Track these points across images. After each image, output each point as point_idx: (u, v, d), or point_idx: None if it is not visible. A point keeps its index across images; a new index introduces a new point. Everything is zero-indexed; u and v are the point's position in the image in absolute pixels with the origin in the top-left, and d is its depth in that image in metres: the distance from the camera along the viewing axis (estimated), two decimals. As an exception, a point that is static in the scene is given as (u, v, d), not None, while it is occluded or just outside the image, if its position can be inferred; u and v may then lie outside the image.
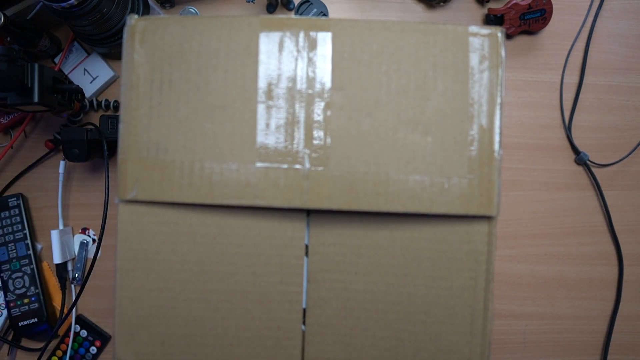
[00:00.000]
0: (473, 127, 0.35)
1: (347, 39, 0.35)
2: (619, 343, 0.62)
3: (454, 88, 0.35)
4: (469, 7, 0.64)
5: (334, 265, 0.36)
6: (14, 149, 0.61)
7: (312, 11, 0.62)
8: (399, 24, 0.36)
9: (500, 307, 0.63)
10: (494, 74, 0.35)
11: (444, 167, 0.35)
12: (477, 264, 0.36)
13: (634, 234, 0.64)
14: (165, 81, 0.35)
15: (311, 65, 0.35)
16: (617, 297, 0.63)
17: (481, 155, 0.35)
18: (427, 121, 0.35)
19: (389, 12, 0.64)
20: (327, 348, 0.37)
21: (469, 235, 0.37)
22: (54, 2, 0.47)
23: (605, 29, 0.65)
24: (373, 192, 0.34)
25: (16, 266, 0.57)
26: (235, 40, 0.35)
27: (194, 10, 0.58)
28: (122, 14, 0.55)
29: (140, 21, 0.35)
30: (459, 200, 0.34)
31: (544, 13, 0.61)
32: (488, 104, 0.35)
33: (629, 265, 0.63)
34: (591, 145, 0.64)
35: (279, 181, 0.34)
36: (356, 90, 0.35)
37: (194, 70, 0.35)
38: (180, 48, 0.35)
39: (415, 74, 0.35)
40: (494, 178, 0.35)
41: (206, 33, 0.35)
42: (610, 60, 0.65)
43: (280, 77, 0.35)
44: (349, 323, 0.37)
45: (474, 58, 0.35)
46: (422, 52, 0.35)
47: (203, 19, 0.36)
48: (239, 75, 0.35)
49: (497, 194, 0.35)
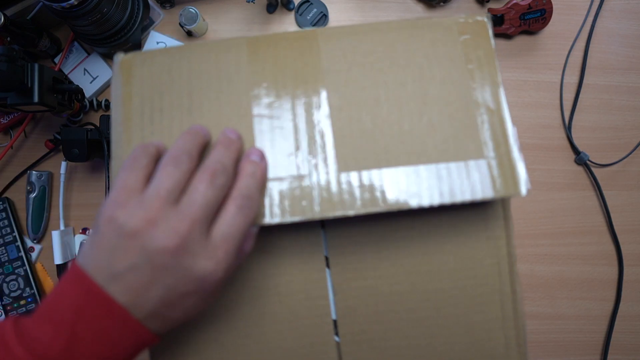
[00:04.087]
0: (480, 110, 0.34)
1: (336, 45, 0.35)
2: (619, 343, 0.62)
3: (452, 76, 0.34)
4: (469, 7, 0.64)
5: (356, 273, 0.36)
6: (14, 149, 0.61)
7: (312, 11, 0.62)
8: (386, 24, 0.35)
9: (500, 307, 0.62)
10: (489, 57, 0.35)
11: (459, 152, 0.33)
12: (498, 248, 0.36)
13: (634, 234, 0.63)
14: (156, 110, 0.34)
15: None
16: (617, 297, 0.63)
17: (495, 135, 0.34)
18: (430, 111, 0.34)
19: (389, 12, 0.64)
20: (363, 355, 0.36)
21: (486, 222, 0.36)
22: (54, 2, 0.47)
23: (605, 29, 0.65)
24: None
25: (9, 269, 0.57)
26: (225, 62, 0.34)
27: (194, 10, 0.58)
28: (122, 14, 0.55)
29: (127, 57, 0.35)
30: (480, 184, 0.33)
31: (544, 13, 0.61)
32: (490, 86, 0.34)
33: (629, 265, 0.63)
34: (591, 145, 0.63)
35: (287, 195, 0.32)
36: (353, 90, 0.34)
37: (185, 96, 0.34)
38: (169, 77, 0.34)
39: (410, 67, 0.34)
40: (514, 155, 0.33)
41: (194, 58, 0.34)
42: (610, 60, 0.65)
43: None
44: (380, 327, 0.36)
45: (466, 45, 0.35)
46: (413, 46, 0.35)
47: (190, 46, 0.35)
48: (232, 92, 0.34)
49: (522, 171, 0.33)
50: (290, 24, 0.63)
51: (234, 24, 0.63)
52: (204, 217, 0.28)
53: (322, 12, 0.62)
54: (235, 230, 0.29)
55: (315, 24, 0.62)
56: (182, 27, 0.60)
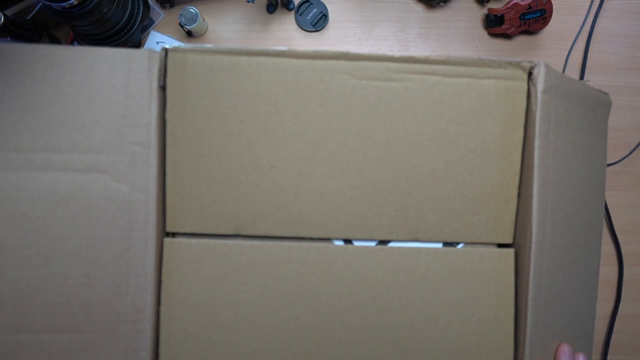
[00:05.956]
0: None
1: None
2: (619, 343, 0.62)
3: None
4: (469, 7, 0.64)
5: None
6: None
7: (312, 11, 0.62)
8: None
9: (500, 307, 0.62)
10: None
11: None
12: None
13: (634, 234, 0.63)
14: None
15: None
16: (617, 297, 0.63)
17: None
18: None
19: (389, 12, 0.64)
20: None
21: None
22: (54, 2, 0.47)
23: (605, 29, 0.65)
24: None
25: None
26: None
27: (194, 10, 0.58)
28: (122, 14, 0.55)
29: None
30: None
31: (544, 13, 0.61)
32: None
33: (629, 265, 0.63)
34: (591, 145, 0.63)
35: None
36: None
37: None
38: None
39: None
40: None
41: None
42: (610, 60, 0.65)
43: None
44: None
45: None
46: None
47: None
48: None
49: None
50: (290, 24, 0.63)
51: (234, 24, 0.63)
52: None
53: (322, 12, 0.62)
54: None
55: (315, 24, 0.62)
56: (182, 27, 0.60)
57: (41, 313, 0.34)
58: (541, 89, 0.35)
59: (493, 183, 0.37)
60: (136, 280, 0.34)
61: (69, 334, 0.34)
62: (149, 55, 0.35)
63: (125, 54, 0.35)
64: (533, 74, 0.36)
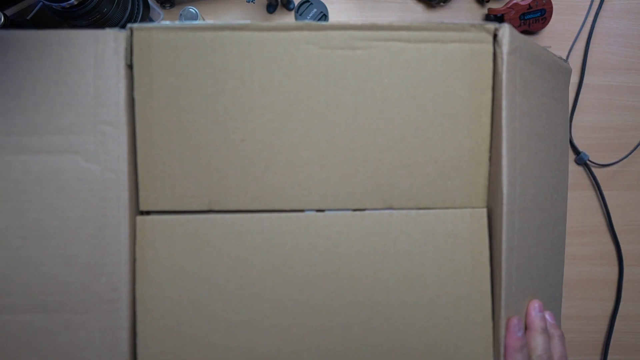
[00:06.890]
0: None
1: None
2: (619, 343, 0.62)
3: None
4: (469, 7, 0.64)
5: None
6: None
7: (312, 11, 0.62)
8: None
9: (500, 307, 0.62)
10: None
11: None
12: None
13: (634, 234, 0.63)
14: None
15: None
16: (617, 297, 0.63)
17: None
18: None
19: (389, 12, 0.64)
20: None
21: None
22: (54, 2, 0.47)
23: (605, 29, 0.65)
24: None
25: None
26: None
27: (194, 10, 0.58)
28: (122, 14, 0.55)
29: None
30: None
31: (544, 13, 0.61)
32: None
33: (629, 265, 0.63)
34: (591, 145, 0.63)
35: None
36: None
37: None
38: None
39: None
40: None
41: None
42: (610, 60, 0.65)
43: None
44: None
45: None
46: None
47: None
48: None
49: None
50: (290, 24, 0.63)
51: (234, 24, 0.63)
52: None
53: (322, 12, 0.62)
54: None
55: (315, 24, 0.62)
56: (182, 27, 0.60)
57: (20, 293, 0.34)
58: (506, 51, 0.35)
59: (464, 147, 0.36)
60: (111, 259, 0.35)
61: (48, 313, 0.34)
62: (115, 35, 0.35)
63: (92, 35, 0.35)
64: (498, 35, 0.36)
